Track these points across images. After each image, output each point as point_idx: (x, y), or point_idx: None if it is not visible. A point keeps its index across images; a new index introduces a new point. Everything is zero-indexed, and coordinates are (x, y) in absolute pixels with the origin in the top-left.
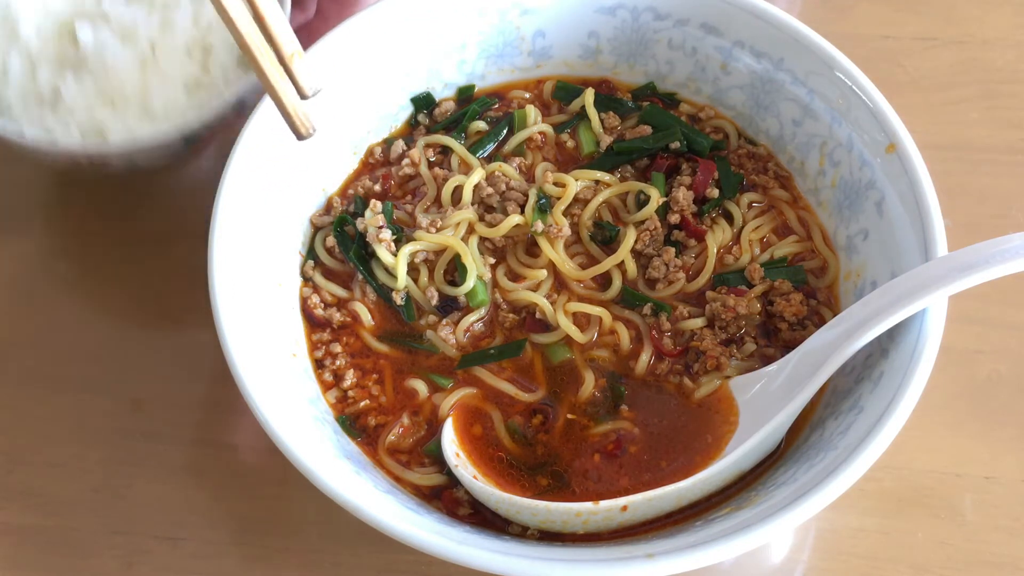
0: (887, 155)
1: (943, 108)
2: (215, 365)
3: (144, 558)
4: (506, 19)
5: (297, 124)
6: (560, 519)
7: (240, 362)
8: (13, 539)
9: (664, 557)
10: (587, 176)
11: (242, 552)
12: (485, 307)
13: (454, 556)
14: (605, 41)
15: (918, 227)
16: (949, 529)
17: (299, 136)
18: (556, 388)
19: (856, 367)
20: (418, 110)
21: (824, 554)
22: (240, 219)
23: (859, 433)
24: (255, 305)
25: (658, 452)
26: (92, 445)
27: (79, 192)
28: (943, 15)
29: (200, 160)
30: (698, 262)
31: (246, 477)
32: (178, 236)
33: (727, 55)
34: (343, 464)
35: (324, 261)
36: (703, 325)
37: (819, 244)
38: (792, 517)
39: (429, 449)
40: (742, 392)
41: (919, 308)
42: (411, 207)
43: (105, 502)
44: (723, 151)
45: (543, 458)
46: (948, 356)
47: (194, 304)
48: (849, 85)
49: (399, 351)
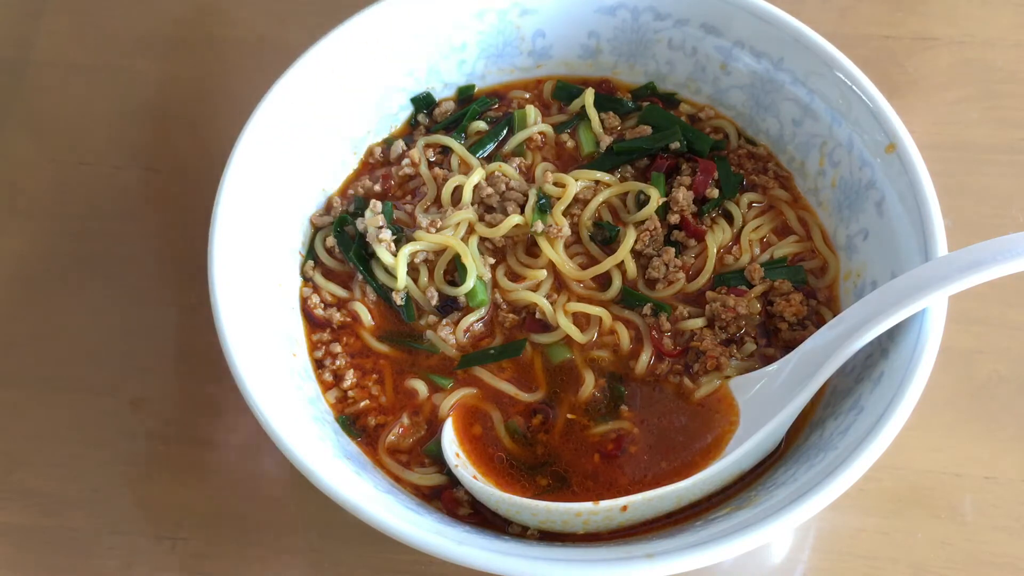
0: (887, 155)
1: (943, 108)
2: (215, 365)
3: (144, 558)
4: (506, 19)
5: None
6: (560, 519)
7: (240, 362)
8: (13, 539)
9: (664, 557)
10: (587, 176)
11: (242, 552)
12: (485, 307)
13: (454, 556)
14: (605, 41)
15: (918, 227)
16: (949, 529)
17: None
18: (556, 388)
19: (856, 367)
20: (418, 110)
21: (824, 554)
22: (240, 219)
23: (859, 433)
24: (255, 305)
25: (658, 452)
26: (92, 445)
27: (79, 192)
28: (943, 15)
29: (201, 160)
30: (698, 262)
31: (246, 477)
32: (178, 236)
33: (727, 55)
34: (343, 464)
35: (324, 261)
36: (703, 325)
37: (819, 244)
38: (792, 517)
39: (429, 449)
40: (742, 392)
41: (919, 308)
42: (411, 207)
43: (105, 502)
44: (723, 151)
45: (543, 458)
46: (948, 356)
47: (194, 304)
48: (849, 85)
49: (399, 351)
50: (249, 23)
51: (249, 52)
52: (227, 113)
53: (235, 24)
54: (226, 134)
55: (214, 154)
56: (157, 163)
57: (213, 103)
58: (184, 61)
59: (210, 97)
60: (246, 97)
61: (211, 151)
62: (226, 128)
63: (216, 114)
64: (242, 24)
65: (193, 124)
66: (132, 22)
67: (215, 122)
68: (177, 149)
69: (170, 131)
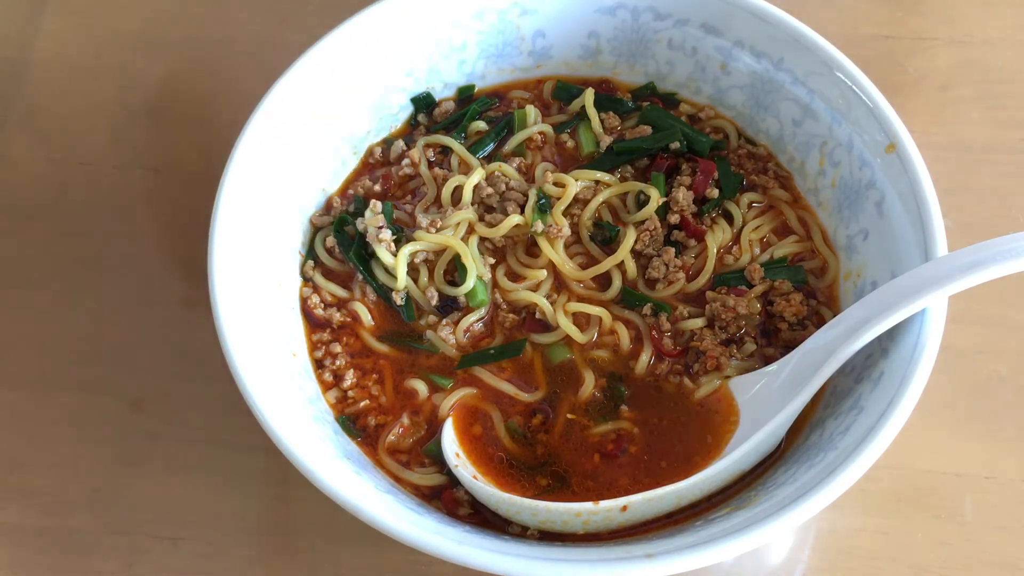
0: (887, 155)
1: (943, 108)
2: (215, 365)
3: (144, 558)
4: (506, 19)
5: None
6: (560, 519)
7: (240, 362)
8: (13, 539)
9: (664, 557)
10: (587, 176)
11: (242, 552)
12: (485, 307)
13: (454, 556)
14: (605, 41)
15: (918, 227)
16: (949, 529)
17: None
18: (556, 388)
19: (856, 367)
20: (418, 110)
21: (824, 554)
22: (240, 219)
23: (859, 433)
24: (255, 305)
25: (658, 452)
26: (92, 445)
27: (79, 192)
28: (943, 15)
29: (201, 160)
30: (698, 262)
31: (246, 477)
32: (178, 236)
33: (727, 55)
34: (343, 464)
35: (324, 261)
36: (703, 325)
37: (819, 244)
38: (792, 517)
39: (429, 449)
40: (742, 392)
41: (919, 308)
42: (411, 207)
43: (105, 502)
44: (723, 151)
45: (543, 458)
46: (948, 356)
47: (194, 304)
48: (849, 85)
49: (399, 351)
50: (249, 23)
51: (249, 52)
52: (227, 113)
53: (235, 24)
54: (226, 134)
55: (214, 154)
56: (157, 163)
57: (213, 103)
58: (184, 61)
59: (210, 97)
60: (246, 97)
61: (211, 151)
62: (226, 128)
63: (216, 114)
64: (242, 24)
65: (193, 124)
66: (132, 22)
67: (215, 122)
68: (177, 149)
69: (170, 131)
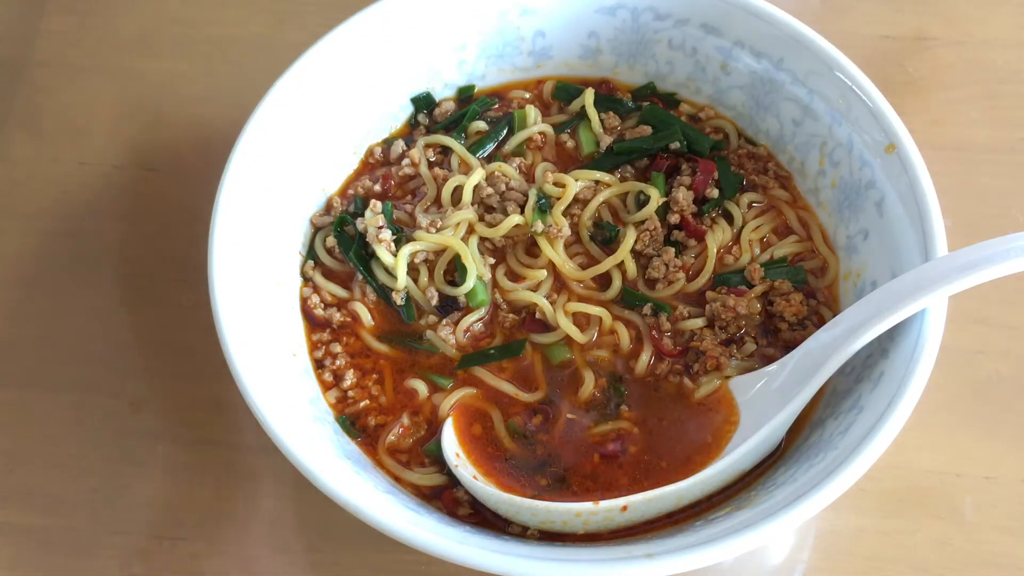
0: (887, 155)
1: (943, 108)
2: (215, 365)
3: (144, 558)
4: (506, 19)
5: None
6: (560, 519)
7: (240, 362)
8: (13, 539)
9: (664, 557)
10: (587, 176)
11: (242, 552)
12: (485, 307)
13: (454, 556)
14: (605, 41)
15: (918, 227)
16: (949, 529)
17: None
18: (556, 388)
19: (856, 367)
20: (418, 110)
21: (824, 554)
22: (240, 219)
23: (859, 433)
24: (255, 305)
25: (658, 452)
26: (92, 445)
27: (79, 192)
28: (943, 15)
29: (201, 160)
30: (698, 262)
31: (246, 477)
32: (178, 236)
33: (727, 55)
34: (343, 464)
35: (324, 261)
36: (703, 325)
37: (819, 244)
38: (792, 517)
39: (429, 449)
40: (742, 392)
41: (919, 308)
42: (411, 207)
43: (105, 502)
44: (723, 151)
45: (543, 458)
46: (948, 356)
47: (194, 304)
48: (849, 85)
49: (399, 351)
50: (249, 23)
51: (249, 52)
52: (227, 113)
53: (235, 24)
54: (226, 134)
55: (214, 154)
56: (157, 163)
57: (213, 103)
58: (184, 61)
59: (210, 97)
60: (246, 97)
61: (211, 151)
62: (226, 128)
63: (216, 114)
64: (242, 24)
65: (193, 124)
66: (132, 22)
67: (215, 122)
68: (177, 149)
69: (170, 131)
